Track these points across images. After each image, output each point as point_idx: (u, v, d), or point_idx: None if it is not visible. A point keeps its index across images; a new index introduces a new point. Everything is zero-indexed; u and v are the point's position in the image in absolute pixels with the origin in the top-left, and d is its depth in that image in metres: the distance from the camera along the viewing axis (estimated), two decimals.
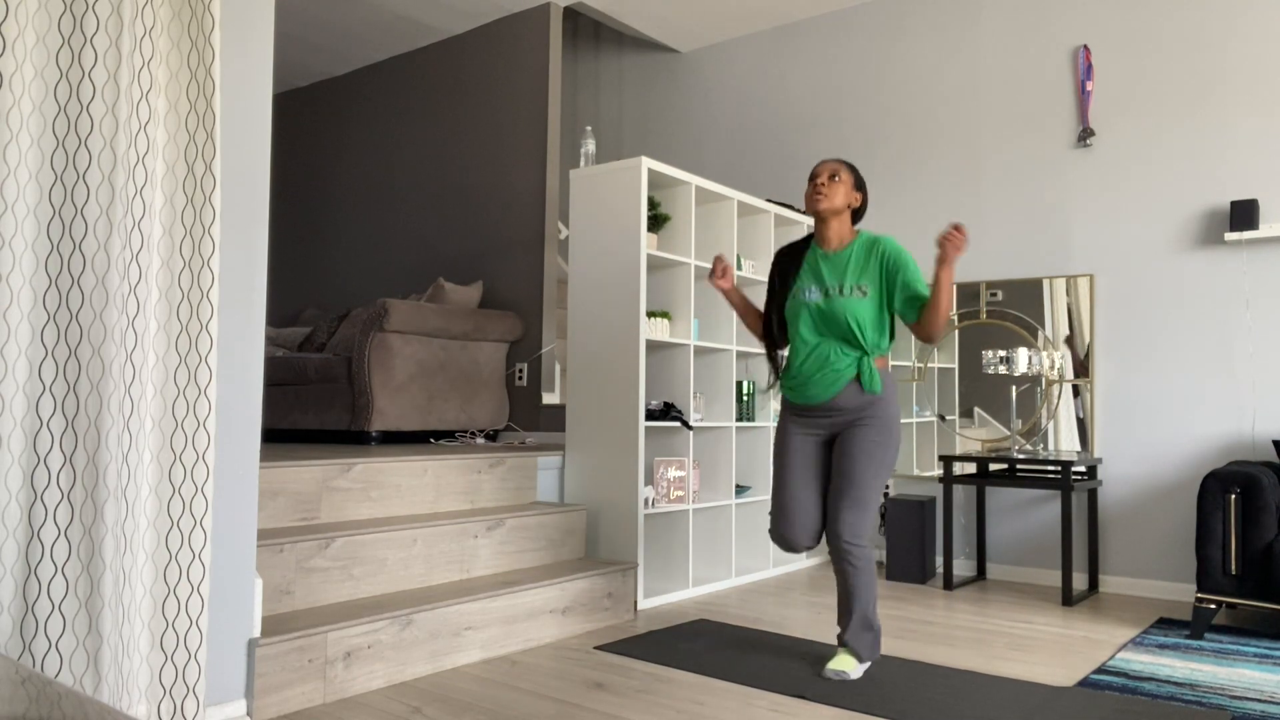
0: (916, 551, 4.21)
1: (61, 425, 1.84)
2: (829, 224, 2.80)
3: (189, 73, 2.06)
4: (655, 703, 2.44)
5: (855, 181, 2.82)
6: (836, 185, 2.78)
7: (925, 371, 4.61)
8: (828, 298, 2.74)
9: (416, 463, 3.29)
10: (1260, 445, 3.78)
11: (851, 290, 2.72)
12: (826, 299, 2.74)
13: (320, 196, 6.50)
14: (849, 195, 2.80)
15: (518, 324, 4.99)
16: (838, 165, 2.81)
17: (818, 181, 2.79)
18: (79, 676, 1.83)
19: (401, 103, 5.99)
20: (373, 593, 2.85)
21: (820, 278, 2.79)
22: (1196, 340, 3.94)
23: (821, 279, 2.78)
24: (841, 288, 2.74)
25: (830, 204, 2.77)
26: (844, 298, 2.72)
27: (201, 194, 2.06)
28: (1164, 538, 3.96)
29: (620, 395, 3.70)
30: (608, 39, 6.13)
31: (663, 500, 3.79)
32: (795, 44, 5.21)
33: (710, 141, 5.52)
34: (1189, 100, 4.02)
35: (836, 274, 2.76)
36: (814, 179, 2.81)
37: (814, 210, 2.80)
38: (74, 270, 1.86)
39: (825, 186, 2.77)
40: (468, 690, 2.54)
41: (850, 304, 2.70)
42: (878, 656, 2.80)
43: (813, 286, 2.79)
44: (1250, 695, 2.57)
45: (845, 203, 2.79)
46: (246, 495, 2.26)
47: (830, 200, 2.76)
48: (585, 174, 3.89)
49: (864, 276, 2.73)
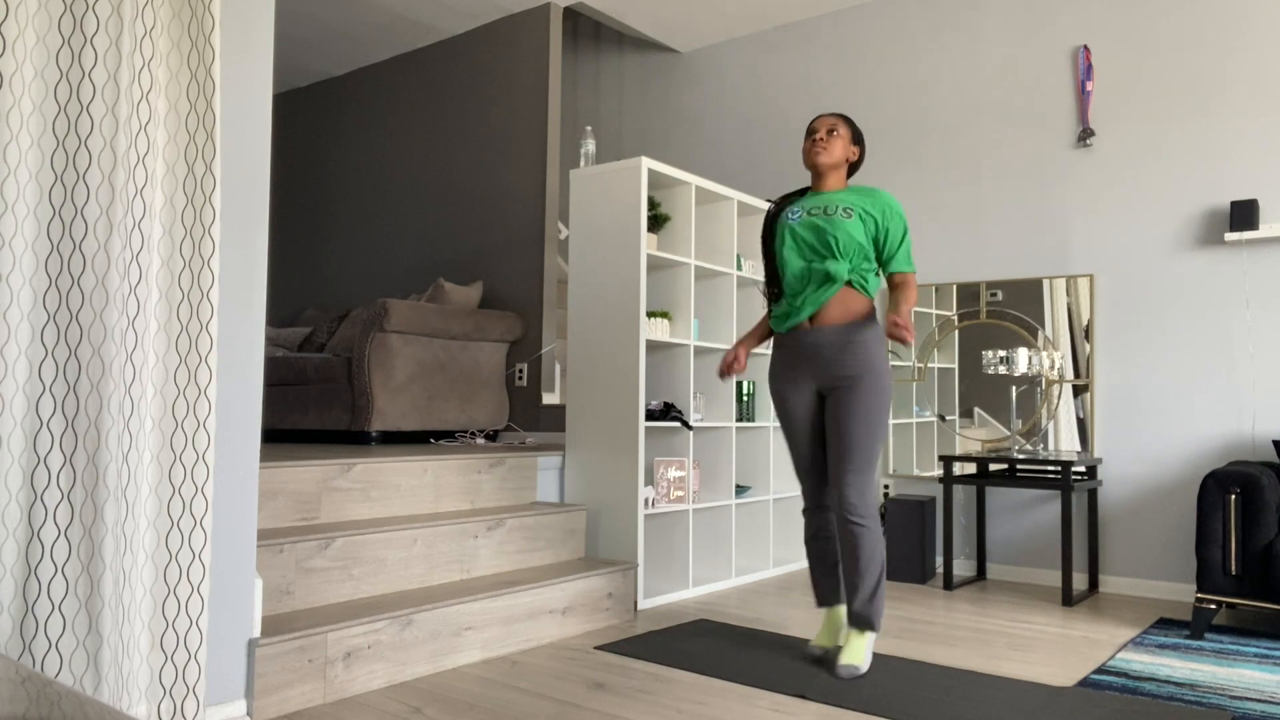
0: (916, 551, 4.21)
1: (61, 425, 1.84)
2: (826, 178, 2.84)
3: (189, 73, 2.06)
4: (655, 703, 2.44)
5: (853, 135, 2.86)
6: (835, 139, 2.82)
7: (925, 371, 4.61)
8: (810, 216, 2.76)
9: (416, 463, 3.29)
10: (1260, 445, 3.78)
11: (837, 210, 2.74)
12: (809, 216, 2.76)
13: (320, 196, 6.50)
14: (847, 149, 2.84)
15: (518, 324, 4.99)
16: (835, 120, 2.85)
17: (816, 136, 2.82)
18: (79, 676, 1.83)
19: (402, 103, 5.99)
20: (373, 593, 2.85)
21: (807, 204, 2.82)
22: (1196, 340, 3.94)
23: (808, 204, 2.81)
24: (827, 209, 2.76)
25: (829, 158, 2.81)
26: (829, 217, 2.74)
27: (201, 194, 2.06)
28: (1164, 538, 3.96)
29: (620, 395, 3.70)
30: (608, 39, 6.13)
31: (663, 500, 3.79)
32: (795, 44, 5.22)
33: (710, 141, 5.52)
34: (1189, 100, 4.02)
35: (824, 200, 2.79)
36: (813, 134, 2.84)
37: (813, 164, 2.83)
38: (74, 270, 1.86)
39: (824, 141, 2.81)
40: (468, 690, 2.54)
41: (835, 221, 2.72)
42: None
43: (797, 209, 2.82)
44: (1250, 695, 2.57)
45: (843, 156, 2.84)
46: (246, 495, 2.26)
47: (829, 154, 2.80)
48: (585, 174, 3.89)
49: (853, 204, 2.75)
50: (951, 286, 4.56)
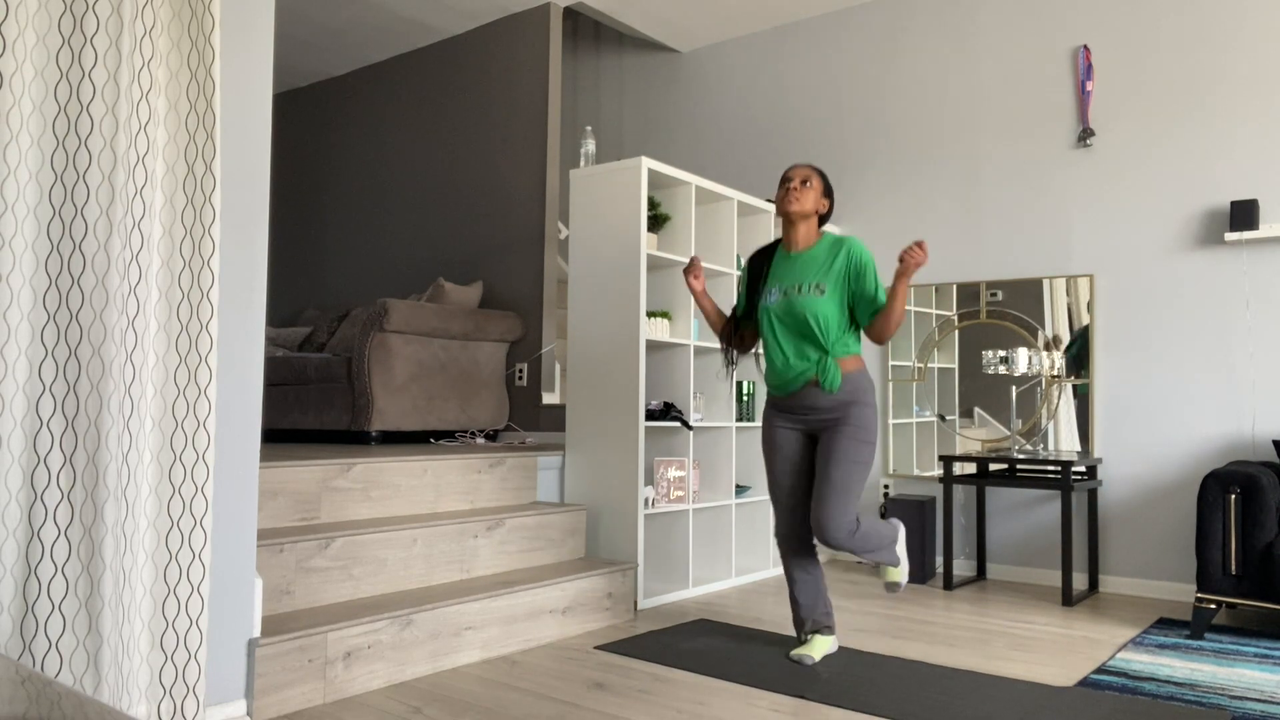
0: (916, 551, 4.22)
1: (61, 425, 1.84)
2: (797, 227, 2.93)
3: (189, 73, 2.06)
4: (655, 703, 2.44)
5: (824, 188, 2.96)
6: (808, 190, 2.91)
7: (925, 371, 4.61)
8: (786, 297, 2.85)
9: (416, 463, 3.29)
10: (1260, 445, 3.78)
11: (810, 289, 2.82)
12: (785, 298, 2.86)
13: (320, 196, 6.50)
14: (818, 201, 2.93)
15: (518, 324, 4.99)
16: (809, 171, 2.94)
17: (790, 185, 2.91)
18: (79, 676, 1.83)
19: (401, 103, 5.99)
20: (373, 593, 2.85)
21: (780, 279, 2.91)
22: (1196, 340, 3.94)
23: (781, 280, 2.90)
24: (800, 287, 2.85)
25: (801, 207, 2.89)
26: (802, 296, 2.82)
27: (201, 194, 2.06)
28: (1164, 538, 3.96)
29: (620, 395, 3.70)
30: (608, 39, 6.13)
31: (663, 500, 3.79)
32: (795, 44, 5.21)
33: (710, 141, 5.52)
34: (1189, 100, 4.02)
35: (796, 274, 2.88)
36: (787, 182, 2.93)
37: (785, 212, 2.92)
38: (74, 270, 1.87)
39: (798, 191, 2.90)
40: (468, 690, 2.54)
41: (809, 302, 2.81)
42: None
43: (774, 289, 2.91)
44: (1250, 695, 2.57)
45: (814, 208, 2.92)
46: (246, 495, 2.26)
47: (801, 204, 2.89)
48: (585, 174, 3.89)
49: (824, 276, 2.83)
50: (951, 286, 4.56)
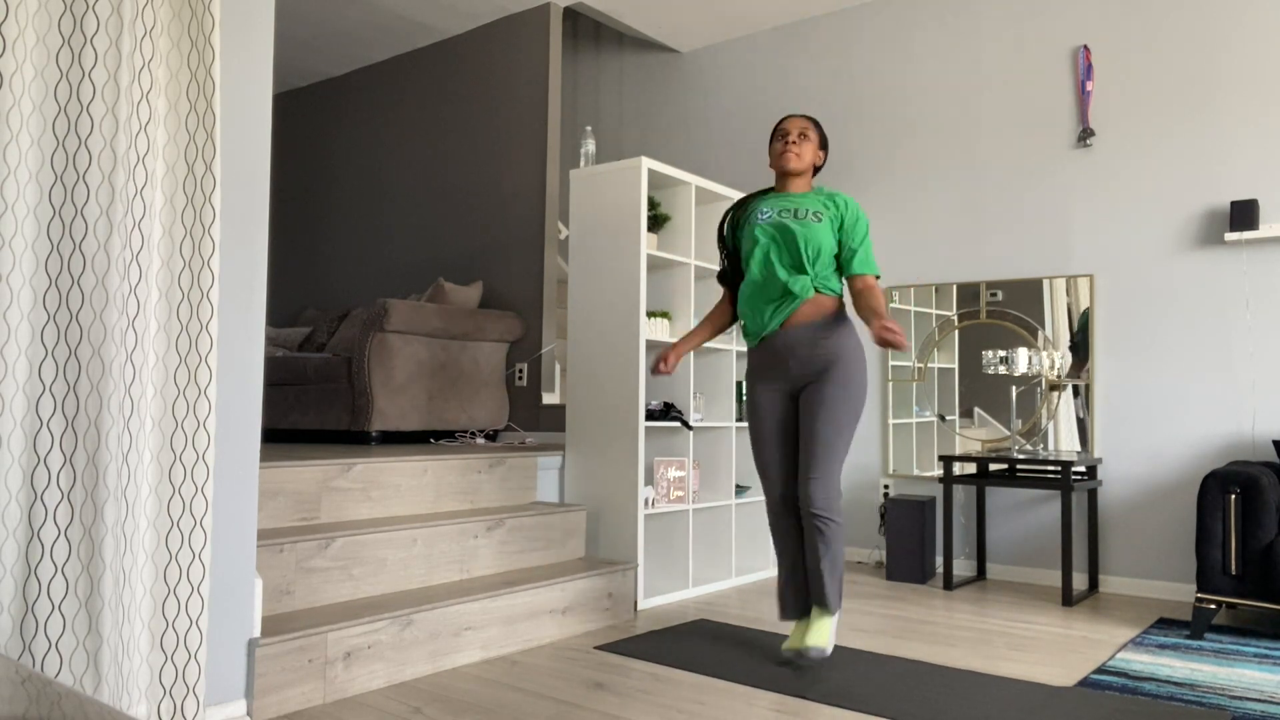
0: (916, 551, 4.21)
1: (61, 425, 1.84)
2: (792, 181, 2.84)
3: (189, 73, 2.06)
4: (655, 703, 2.44)
5: (820, 139, 2.87)
6: (806, 143, 2.82)
7: (925, 371, 4.61)
8: (780, 217, 2.76)
9: (416, 463, 3.29)
10: (1260, 445, 3.78)
11: (807, 214, 2.74)
12: (779, 217, 2.76)
13: (320, 196, 6.50)
14: (815, 154, 2.85)
15: (518, 324, 4.99)
16: (806, 122, 2.85)
17: (789, 140, 2.81)
18: (79, 676, 1.83)
19: (401, 103, 5.99)
20: (373, 593, 2.85)
21: (775, 204, 2.81)
22: (1197, 340, 3.94)
23: (775, 204, 2.81)
24: (796, 211, 2.76)
25: (800, 163, 2.81)
26: (798, 220, 2.74)
27: (201, 194, 2.06)
28: (1164, 538, 3.96)
29: (620, 395, 3.70)
30: (608, 39, 6.13)
31: (663, 500, 3.79)
32: (795, 44, 5.22)
33: (710, 141, 5.52)
34: (1189, 100, 4.02)
35: (793, 202, 2.80)
36: (784, 136, 2.82)
37: (784, 168, 2.82)
38: (74, 270, 1.87)
39: (797, 145, 2.81)
40: (468, 690, 2.54)
41: (804, 224, 2.72)
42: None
43: (766, 209, 2.81)
44: (1250, 695, 2.57)
45: (812, 160, 2.84)
46: (246, 495, 2.26)
47: (801, 159, 2.81)
48: (585, 174, 3.89)
49: (821, 211, 2.76)
50: (951, 286, 4.56)
